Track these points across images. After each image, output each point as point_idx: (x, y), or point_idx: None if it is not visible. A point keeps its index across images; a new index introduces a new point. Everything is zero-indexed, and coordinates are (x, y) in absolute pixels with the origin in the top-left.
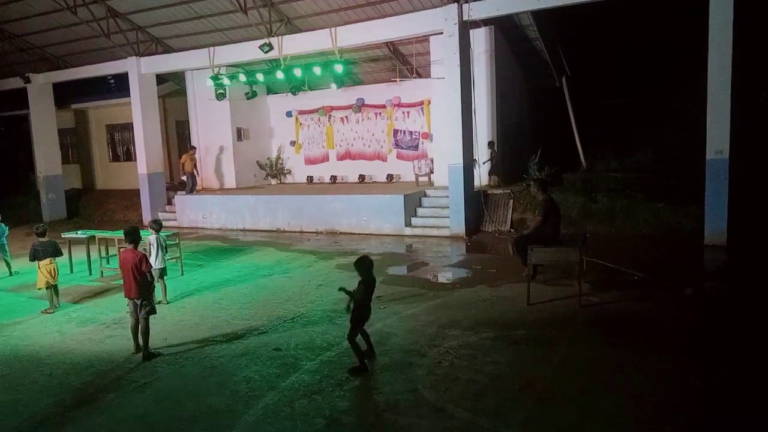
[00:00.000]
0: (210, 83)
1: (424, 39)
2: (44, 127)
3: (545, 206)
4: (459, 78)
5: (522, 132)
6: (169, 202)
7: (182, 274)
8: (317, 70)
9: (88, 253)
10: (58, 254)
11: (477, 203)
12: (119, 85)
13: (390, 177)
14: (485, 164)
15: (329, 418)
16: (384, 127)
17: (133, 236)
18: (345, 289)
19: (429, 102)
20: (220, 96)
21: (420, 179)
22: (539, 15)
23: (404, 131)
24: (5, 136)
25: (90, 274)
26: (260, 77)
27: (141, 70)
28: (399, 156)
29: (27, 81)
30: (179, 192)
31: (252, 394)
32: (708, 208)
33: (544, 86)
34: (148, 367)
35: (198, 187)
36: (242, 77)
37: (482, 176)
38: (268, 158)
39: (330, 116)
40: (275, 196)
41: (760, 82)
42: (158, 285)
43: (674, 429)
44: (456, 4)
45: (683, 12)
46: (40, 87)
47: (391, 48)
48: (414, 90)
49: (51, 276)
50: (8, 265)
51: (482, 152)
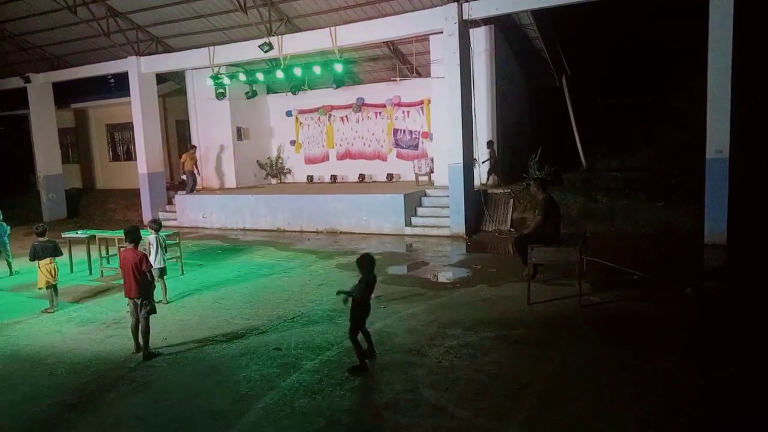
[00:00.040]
0: (210, 83)
1: (424, 38)
2: (44, 127)
3: (545, 206)
4: (459, 77)
5: (522, 131)
6: (170, 202)
7: (182, 274)
8: (317, 70)
9: (89, 253)
10: (58, 254)
11: (477, 203)
12: (119, 85)
13: (390, 176)
14: (484, 164)
15: (329, 418)
16: (384, 127)
17: (134, 236)
18: (343, 291)
19: (429, 101)
20: (220, 95)
21: (420, 179)
22: (539, 14)
23: (404, 131)
24: (5, 136)
25: (90, 274)
26: (260, 77)
27: (141, 70)
28: (399, 155)
29: (27, 81)
30: (179, 191)
31: (252, 394)
32: (708, 208)
33: (544, 85)
34: (149, 367)
35: (198, 187)
36: (242, 77)
37: (482, 176)
38: (268, 158)
39: (330, 116)
40: (275, 196)
41: (760, 81)
42: (158, 284)
43: (674, 429)
44: (456, 4)
45: (683, 11)
46: (40, 86)
47: (391, 47)
48: (414, 89)
49: (51, 275)
50: (9, 265)
51: (482, 152)
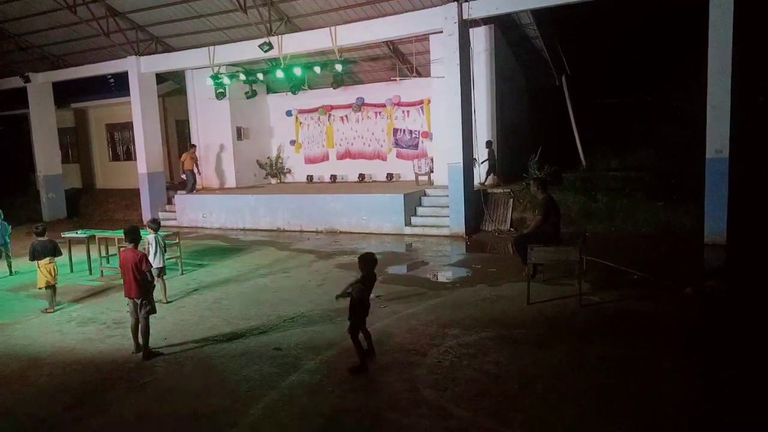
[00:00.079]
0: (210, 82)
1: (424, 38)
2: (44, 127)
3: (545, 205)
4: (459, 77)
5: (522, 131)
6: (169, 202)
7: (182, 274)
8: (317, 70)
9: (88, 253)
10: (57, 254)
11: (477, 202)
12: (119, 85)
13: (390, 176)
14: (483, 164)
15: (329, 418)
16: (384, 126)
17: (133, 235)
18: (340, 295)
19: (429, 101)
20: (220, 95)
21: (420, 178)
22: (539, 14)
23: (404, 130)
24: (5, 136)
25: (90, 274)
26: (260, 76)
27: (141, 69)
28: (399, 155)
29: (27, 80)
30: (179, 191)
31: (252, 394)
32: (708, 207)
33: (544, 85)
34: (148, 367)
35: (198, 186)
36: (242, 76)
37: (482, 175)
38: (268, 157)
39: (330, 115)
40: (275, 196)
41: (760, 81)
42: (158, 284)
43: (674, 429)
44: (456, 3)
45: (683, 10)
46: (40, 86)
47: (391, 47)
48: (414, 89)
49: (51, 275)
50: (9, 265)
51: (480, 152)
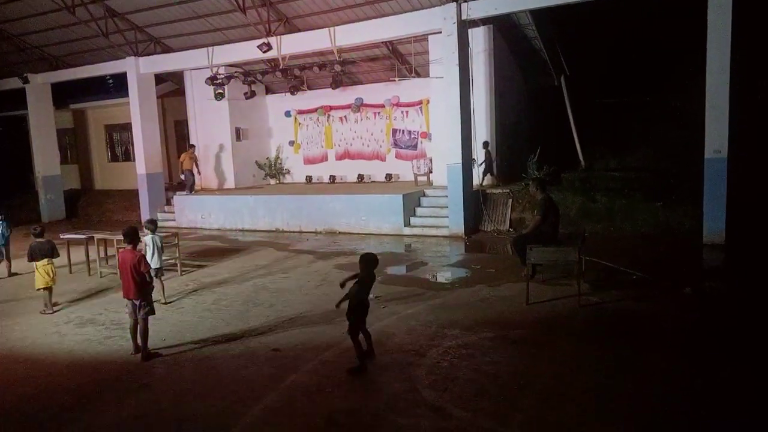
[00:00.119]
0: (209, 83)
1: (423, 38)
2: (43, 128)
3: (544, 205)
4: (458, 77)
5: (521, 131)
6: (168, 203)
7: (181, 275)
8: (316, 70)
9: (87, 254)
10: (55, 255)
11: (476, 203)
12: (118, 85)
13: (389, 176)
14: (481, 165)
15: (328, 419)
16: (383, 127)
17: (132, 237)
18: (340, 301)
19: (428, 101)
20: (219, 96)
21: (419, 179)
22: (538, 14)
23: (403, 131)
24: (4, 137)
25: (89, 275)
26: (259, 77)
27: (139, 70)
28: (398, 156)
29: (25, 81)
30: (178, 192)
31: (251, 395)
32: (707, 208)
33: (543, 85)
34: (147, 368)
35: (197, 187)
36: (241, 77)
37: (480, 176)
38: (267, 158)
39: (329, 116)
40: (274, 196)
41: (759, 82)
42: (156, 285)
43: (674, 429)
44: (455, 4)
45: (682, 11)
46: (39, 87)
47: (390, 47)
48: (413, 89)
49: (49, 276)
50: (8, 266)
51: (478, 153)
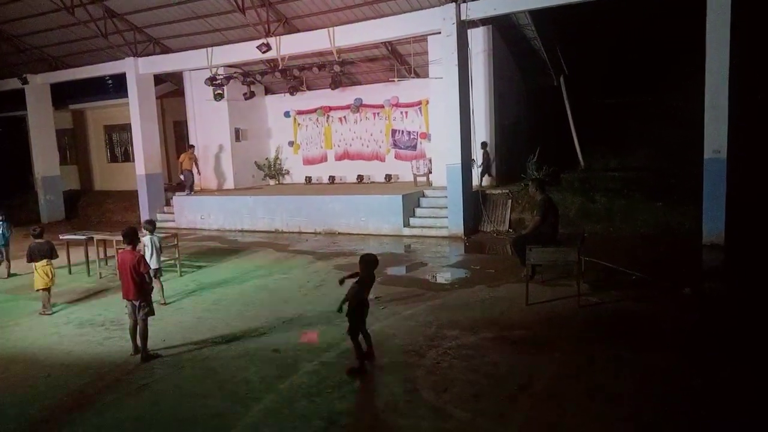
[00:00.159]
0: (208, 83)
1: (422, 39)
2: (42, 128)
3: (543, 206)
4: (457, 78)
5: (520, 131)
6: (168, 203)
7: (181, 275)
8: (315, 70)
9: (87, 255)
10: (54, 256)
11: (475, 203)
12: (117, 86)
13: (388, 177)
14: (480, 166)
15: (328, 420)
16: (382, 127)
17: (132, 237)
18: (341, 306)
19: (427, 102)
20: (218, 96)
21: (418, 179)
22: (537, 14)
23: (402, 131)
24: (3, 137)
25: (88, 276)
26: (258, 77)
27: (139, 71)
28: (397, 156)
29: (25, 82)
30: (178, 193)
31: (251, 396)
32: (706, 208)
33: (542, 86)
34: (147, 369)
35: (196, 188)
36: (240, 77)
37: (479, 176)
38: (267, 159)
39: (328, 116)
40: (273, 197)
41: (758, 81)
42: (155, 286)
43: (674, 429)
44: (454, 4)
45: (681, 11)
46: (38, 88)
47: (389, 48)
48: (412, 90)
49: (47, 277)
50: (7, 267)
51: (477, 153)
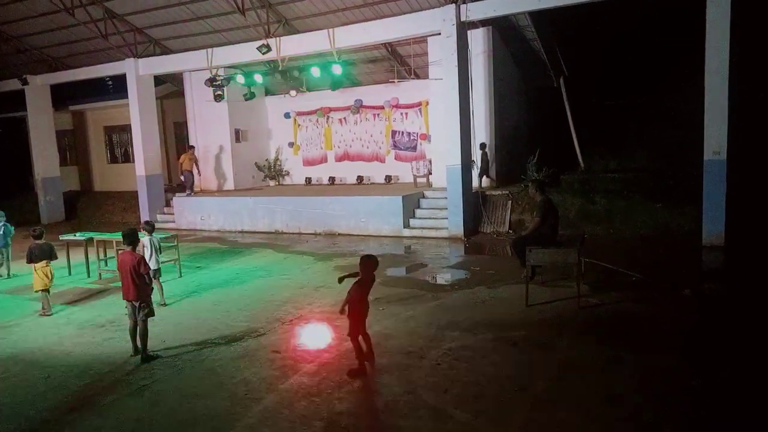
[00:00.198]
0: (208, 84)
1: (422, 40)
2: (42, 129)
3: (543, 207)
4: (457, 79)
5: (520, 133)
6: (168, 204)
7: (180, 276)
8: (315, 71)
9: (87, 255)
10: (53, 257)
11: (475, 204)
12: (117, 87)
13: (388, 178)
14: (479, 168)
15: (328, 421)
16: (382, 129)
17: (132, 238)
18: (343, 307)
19: (427, 103)
20: (218, 97)
21: (418, 180)
22: (537, 16)
23: (402, 132)
24: (3, 138)
25: (88, 276)
26: (258, 78)
27: (139, 72)
28: (397, 157)
29: (24, 83)
30: (178, 194)
31: (251, 397)
32: (706, 209)
33: (542, 87)
34: (147, 370)
35: (196, 188)
36: (240, 78)
37: (477, 177)
38: (267, 160)
39: (328, 117)
40: (273, 198)
41: (758, 82)
42: (155, 286)
43: (674, 429)
44: (454, 5)
45: (680, 11)
46: (38, 88)
47: (389, 49)
48: (412, 91)
49: (47, 278)
50: (7, 267)
51: (476, 154)
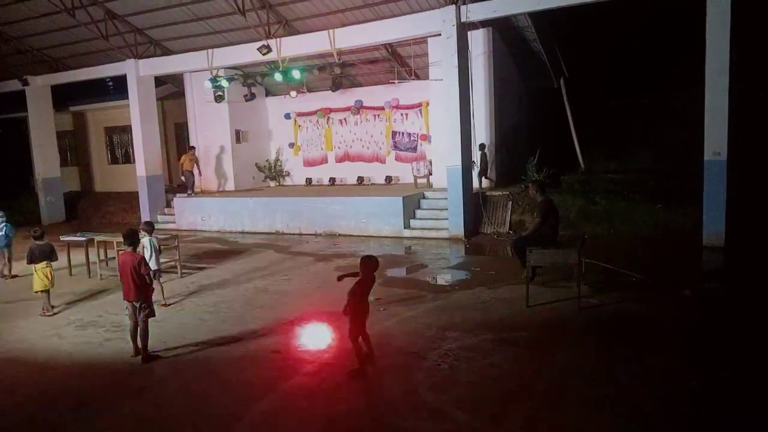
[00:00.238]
0: (208, 85)
1: (422, 41)
2: (42, 130)
3: (544, 208)
4: (457, 80)
5: (520, 133)
6: (168, 205)
7: (181, 277)
8: (316, 72)
9: (87, 256)
10: (54, 258)
11: (476, 205)
12: (118, 88)
13: (389, 179)
14: (479, 168)
15: (328, 421)
16: (382, 129)
17: (132, 239)
18: (346, 308)
19: (427, 104)
20: (219, 98)
21: (419, 181)
22: (537, 16)
23: (403, 133)
24: (3, 139)
25: (89, 277)
26: (259, 79)
27: (139, 73)
28: (397, 158)
29: (25, 83)
30: (178, 194)
31: (251, 397)
32: (706, 209)
33: (542, 87)
34: (147, 370)
35: (197, 189)
36: (241, 79)
37: (476, 178)
38: (267, 160)
39: (328, 118)
40: (274, 199)
41: (759, 83)
42: (155, 287)
43: (674, 429)
44: (454, 6)
45: (680, 12)
46: (39, 89)
47: (389, 50)
48: (412, 92)
49: (47, 279)
50: (9, 268)
51: (476, 155)
